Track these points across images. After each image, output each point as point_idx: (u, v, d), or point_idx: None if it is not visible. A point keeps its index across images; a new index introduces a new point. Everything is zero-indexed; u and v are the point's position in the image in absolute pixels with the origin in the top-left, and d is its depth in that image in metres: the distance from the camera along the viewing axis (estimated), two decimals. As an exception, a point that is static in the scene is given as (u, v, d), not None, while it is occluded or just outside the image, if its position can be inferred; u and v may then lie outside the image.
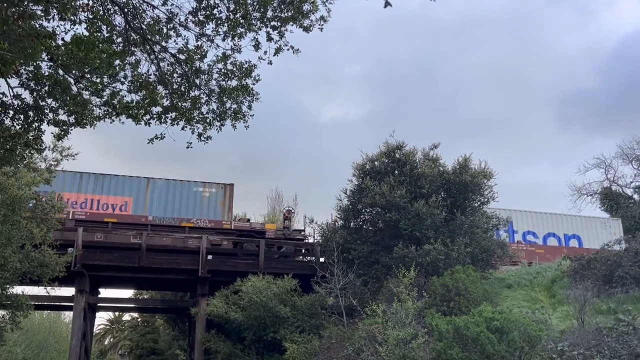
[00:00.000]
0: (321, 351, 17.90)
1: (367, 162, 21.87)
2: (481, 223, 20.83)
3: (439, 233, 19.64)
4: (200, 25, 8.11)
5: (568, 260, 20.09)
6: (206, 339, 22.05)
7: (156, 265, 23.49)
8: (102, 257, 23.07)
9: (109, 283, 27.82)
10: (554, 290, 18.81)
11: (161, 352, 42.76)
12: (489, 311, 12.23)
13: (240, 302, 20.92)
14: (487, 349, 11.01)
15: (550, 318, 14.86)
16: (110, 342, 56.80)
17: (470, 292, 16.78)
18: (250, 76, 8.57)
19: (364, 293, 19.36)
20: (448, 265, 18.38)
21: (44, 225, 16.29)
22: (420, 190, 20.30)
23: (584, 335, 11.70)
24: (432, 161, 21.58)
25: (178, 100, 8.76)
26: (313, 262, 22.18)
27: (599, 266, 17.66)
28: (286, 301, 20.97)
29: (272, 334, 20.42)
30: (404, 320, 13.94)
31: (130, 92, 9.12)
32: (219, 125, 8.92)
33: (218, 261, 24.55)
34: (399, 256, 18.67)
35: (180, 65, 8.52)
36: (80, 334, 22.42)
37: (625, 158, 46.70)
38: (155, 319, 44.21)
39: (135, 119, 9.31)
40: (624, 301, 14.77)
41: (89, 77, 9.37)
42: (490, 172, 21.77)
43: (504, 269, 23.31)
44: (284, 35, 7.97)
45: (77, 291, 22.62)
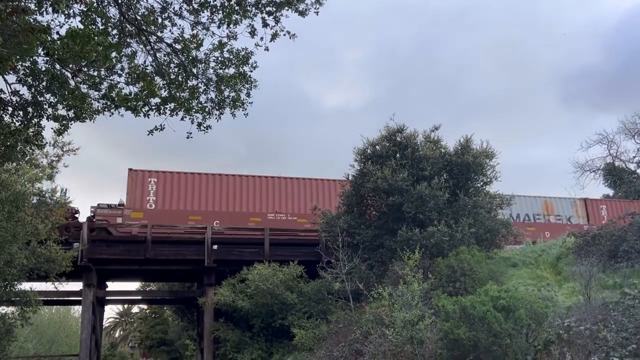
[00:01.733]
0: (329, 336, 18.01)
1: (368, 146, 21.82)
2: (484, 203, 20.80)
3: (443, 215, 19.64)
4: (195, 13, 8.07)
5: (573, 236, 20.10)
6: (215, 327, 22.21)
7: (162, 257, 23.59)
8: (108, 251, 23.17)
9: (116, 276, 27.99)
10: (559, 267, 18.84)
11: (171, 342, 43.16)
12: (494, 290, 12.26)
13: (247, 291, 21.03)
14: (494, 327, 11.05)
15: (556, 295, 14.91)
16: (121, 334, 57.36)
17: (475, 272, 16.83)
18: (247, 63, 8.55)
19: (370, 277, 19.43)
20: (452, 246, 18.41)
21: (48, 221, 16.36)
22: (423, 172, 20.26)
23: (591, 310, 11.73)
24: (433, 143, 21.51)
25: (176, 90, 8.75)
26: (318, 248, 22.23)
27: (603, 241, 17.67)
28: (293, 288, 21.08)
29: (280, 320, 20.55)
30: (410, 302, 13.99)
31: (127, 84, 9.11)
32: (218, 114, 8.91)
33: (224, 251, 24.63)
34: (403, 239, 18.69)
35: (176, 55, 8.50)
36: (90, 327, 22.60)
37: (628, 133, 46.57)
38: (163, 310, 44.55)
39: (134, 111, 9.31)
40: (629, 275, 14.80)
41: (86, 71, 9.35)
42: (492, 152, 21.69)
43: (509, 248, 23.33)
44: (279, 20, 7.93)
45: (85, 285, 22.76)
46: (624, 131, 46.63)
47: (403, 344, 13.36)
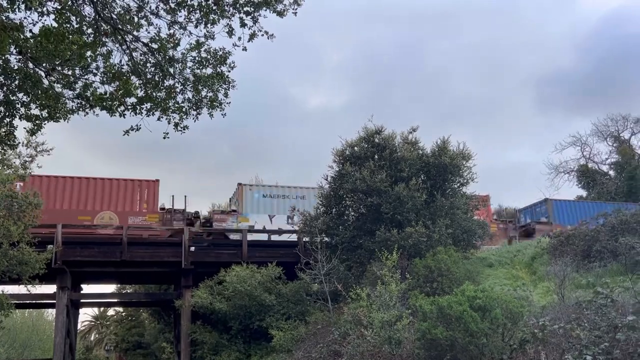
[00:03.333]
0: (307, 337, 18.00)
1: (346, 147, 21.86)
2: (461, 204, 21.02)
3: (420, 215, 19.78)
4: (171, 12, 7.97)
5: (547, 237, 20.43)
6: (192, 330, 22.04)
7: (138, 258, 23.32)
8: (83, 253, 22.81)
9: (91, 279, 27.59)
10: (534, 267, 19.14)
11: (147, 345, 42.62)
12: (471, 290, 12.37)
13: (225, 292, 20.91)
14: (471, 327, 11.16)
15: (531, 294, 15.12)
16: (96, 337, 56.43)
17: (452, 272, 16.99)
18: (225, 63, 8.48)
19: (348, 278, 19.47)
20: (430, 246, 18.55)
21: (21, 222, 16.02)
22: (400, 173, 20.38)
23: (564, 309, 11.94)
24: (411, 144, 21.65)
25: (152, 90, 8.63)
26: (297, 250, 22.20)
27: (577, 242, 18.01)
28: (271, 289, 21.03)
29: (258, 322, 20.48)
30: (388, 303, 14.06)
31: (103, 83, 8.96)
32: (196, 114, 8.83)
33: (201, 252, 24.46)
34: (381, 240, 18.78)
35: (153, 55, 8.38)
36: (64, 330, 22.23)
37: (601, 135, 47.58)
38: (140, 312, 43.98)
39: (110, 110, 9.16)
40: (602, 275, 15.10)
41: (60, 70, 9.18)
42: (469, 154, 21.92)
43: (485, 248, 23.63)
44: (257, 20, 7.89)
45: (59, 288, 22.38)
46: (596, 133, 47.65)
47: (381, 345, 13.41)
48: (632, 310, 9.25)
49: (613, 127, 47.28)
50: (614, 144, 46.91)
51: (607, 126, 47.29)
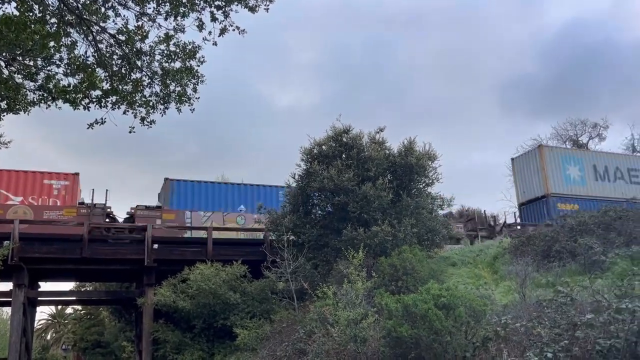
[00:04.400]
0: (272, 335, 17.90)
1: (314, 146, 21.86)
2: (426, 204, 21.29)
3: (386, 215, 19.94)
4: (140, 4, 7.79)
5: (509, 237, 20.88)
6: (154, 328, 21.64)
7: (100, 256, 22.78)
8: (42, 250, 22.12)
9: (49, 276, 26.77)
10: (496, 266, 19.52)
11: (107, 344, 41.78)
12: (435, 288, 12.53)
13: (189, 291, 20.63)
14: (435, 324, 11.30)
15: (493, 293, 15.41)
16: (53, 336, 55.04)
17: (417, 271, 17.17)
18: (194, 57, 8.34)
19: (315, 276, 19.47)
20: (395, 245, 18.72)
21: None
22: (368, 173, 20.50)
23: (526, 308, 12.21)
24: (378, 144, 21.80)
25: (119, 83, 8.42)
26: (263, 248, 22.07)
27: (537, 242, 18.46)
28: (236, 287, 20.85)
29: (222, 320, 20.27)
30: (354, 301, 14.11)
31: (66, 75, 8.70)
32: (163, 108, 8.65)
33: (164, 250, 24.06)
34: (348, 238, 18.85)
35: (120, 47, 8.18)
36: (20, 329, 21.53)
37: (560, 139, 48.97)
38: (99, 311, 43.05)
39: (73, 103, 8.90)
40: (561, 274, 15.51)
41: (21, 60, 8.87)
42: (435, 154, 22.21)
43: (448, 247, 23.99)
44: (228, 15, 7.78)
45: (15, 285, 21.65)
46: (556, 137, 49.04)
47: (346, 343, 13.44)
48: (590, 308, 9.52)
49: (572, 131, 48.80)
50: (572, 147, 48.30)
51: (567, 130, 48.79)
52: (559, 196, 31.52)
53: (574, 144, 48.40)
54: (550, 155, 32.89)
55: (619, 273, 14.27)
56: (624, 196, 33.22)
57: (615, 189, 33.76)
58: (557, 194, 31.61)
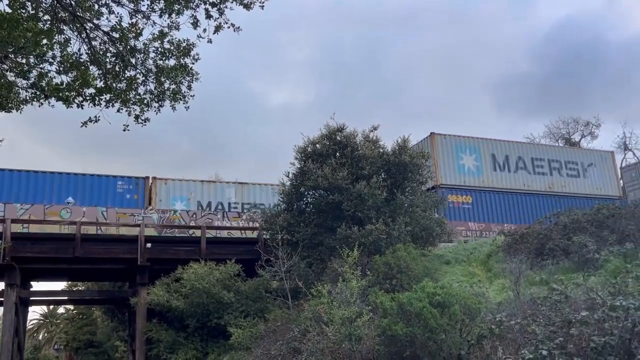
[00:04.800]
0: (267, 334, 17.87)
1: (309, 145, 21.83)
2: (420, 202, 21.31)
3: (380, 213, 19.94)
4: (134, 1, 7.72)
5: (503, 235, 20.93)
6: (148, 328, 21.57)
7: (92, 255, 22.66)
8: (34, 249, 21.98)
9: (42, 276, 26.62)
10: (489, 264, 19.54)
11: (99, 344, 41.67)
12: (430, 287, 12.52)
13: (182, 290, 20.56)
14: (430, 323, 11.29)
15: (487, 291, 15.43)
16: (45, 336, 54.76)
17: (411, 269, 17.18)
18: (189, 55, 8.29)
19: (309, 275, 19.44)
20: (389, 244, 18.72)
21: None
22: (362, 171, 20.49)
23: (520, 305, 12.22)
24: (372, 143, 21.80)
25: (112, 80, 8.35)
26: (257, 246, 22.03)
27: (531, 240, 18.49)
28: (230, 286, 20.80)
29: (216, 320, 20.22)
30: (349, 299, 14.09)
31: (59, 73, 8.62)
32: (158, 106, 8.59)
33: (158, 249, 23.97)
34: (342, 237, 18.83)
35: (114, 44, 8.11)
36: (13, 329, 21.39)
37: (552, 137, 49.25)
38: (92, 310, 42.89)
39: (66, 101, 8.83)
40: (554, 272, 15.55)
41: (13, 58, 8.78)
42: (428, 153, 22.26)
43: (442, 245, 24.02)
44: (223, 12, 7.73)
45: (7, 285, 21.52)
46: (549, 135, 49.33)
47: (341, 341, 13.43)
48: (585, 306, 9.55)
49: (564, 130, 49.10)
50: (565, 145, 48.59)
51: (559, 128, 49.07)
52: (451, 187, 30.14)
53: (566, 142, 48.70)
54: (443, 143, 30.98)
55: (612, 271, 14.33)
56: (527, 188, 32.29)
57: (517, 180, 32.60)
58: (448, 184, 30.20)
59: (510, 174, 32.53)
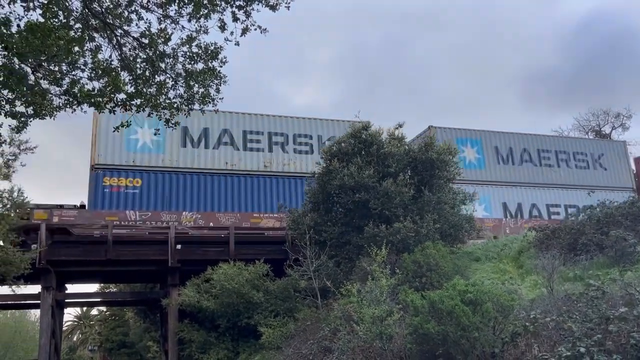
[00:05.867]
0: (297, 333, 17.94)
1: (334, 144, 21.85)
2: (448, 199, 21.11)
3: (408, 211, 19.83)
4: (162, 6, 7.83)
5: (534, 231, 20.61)
6: (180, 328, 21.84)
7: (124, 257, 23.03)
8: (68, 252, 22.45)
9: (75, 278, 27.19)
10: (521, 261, 19.28)
11: (132, 344, 42.31)
12: (461, 284, 12.41)
13: (212, 290, 20.75)
14: (462, 321, 11.19)
15: (519, 288, 15.24)
16: (79, 337, 55.88)
17: (441, 267, 17.05)
18: (216, 58, 8.36)
19: (337, 274, 19.45)
20: (418, 241, 18.61)
21: (5, 222, 15.70)
22: (388, 169, 20.41)
23: (554, 302, 12.03)
24: (397, 140, 21.71)
25: (143, 85, 8.47)
26: (285, 246, 22.12)
27: (563, 235, 18.17)
28: (259, 286, 20.91)
29: (246, 319, 20.36)
30: (378, 298, 14.05)
31: (91, 79, 8.78)
32: (187, 110, 8.69)
33: (187, 250, 24.23)
34: (370, 235, 18.78)
35: (143, 50, 8.23)
36: (49, 331, 21.89)
37: (582, 130, 48.26)
38: (124, 311, 43.59)
39: (98, 107, 8.99)
40: (588, 267, 15.26)
41: (46, 66, 8.98)
42: (455, 149, 22.05)
43: (471, 242, 23.75)
44: (250, 14, 7.79)
45: (44, 288, 22.01)
46: (578, 128, 48.35)
47: (372, 340, 13.41)
48: (623, 302, 9.36)
49: (594, 122, 48.07)
50: (595, 137, 47.59)
51: (589, 121, 48.07)
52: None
53: (596, 134, 47.68)
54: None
55: (649, 265, 14.00)
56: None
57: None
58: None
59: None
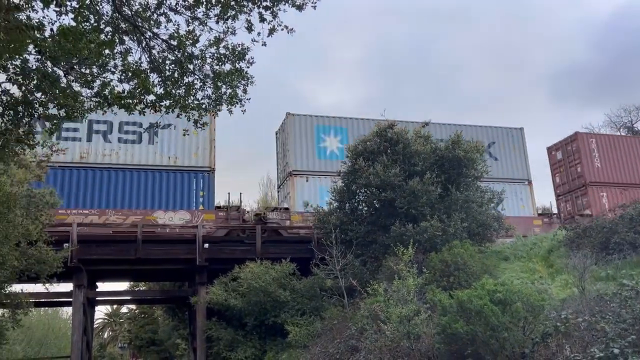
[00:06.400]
0: (324, 332, 17.99)
1: (359, 143, 21.80)
2: (476, 197, 20.88)
3: (435, 209, 19.68)
4: (190, 8, 7.94)
5: (564, 229, 20.25)
6: (208, 326, 22.10)
7: (153, 256, 23.39)
8: (98, 251, 22.91)
9: (106, 277, 27.72)
10: (551, 260, 18.97)
11: (161, 342, 42.92)
12: (490, 284, 12.28)
13: (240, 289, 20.94)
14: (492, 320, 11.08)
15: (550, 287, 15.00)
16: (110, 335, 56.94)
17: (468, 266, 16.89)
18: (244, 59, 8.44)
19: (363, 273, 19.42)
20: (445, 241, 18.45)
21: (38, 222, 16.10)
22: (414, 168, 20.28)
23: (586, 302, 11.81)
24: (424, 138, 21.55)
25: (172, 87, 8.60)
26: (311, 245, 22.18)
27: (594, 234, 17.81)
28: (285, 285, 21.02)
29: (273, 318, 20.49)
30: (405, 297, 14.00)
31: (121, 81, 8.94)
32: (215, 110, 8.79)
33: (215, 249, 24.49)
34: (396, 234, 18.70)
35: (172, 52, 8.35)
36: (81, 328, 22.36)
37: (614, 126, 47.21)
38: (153, 309, 44.25)
39: (128, 108, 9.15)
40: (621, 267, 14.94)
41: (78, 69, 9.17)
42: (483, 147, 21.79)
43: (499, 241, 23.45)
44: (277, 15, 7.83)
45: (75, 286, 22.50)
46: (609, 124, 47.32)
47: (399, 339, 13.36)
48: (658, 302, 9.14)
49: (626, 118, 46.97)
50: (627, 134, 46.50)
51: (620, 117, 46.98)
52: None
53: (628, 130, 46.57)
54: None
55: (685, 265, 13.65)
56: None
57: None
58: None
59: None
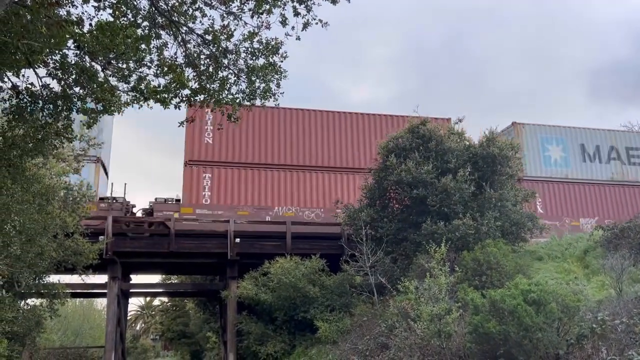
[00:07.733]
0: (353, 329, 17.97)
1: (391, 140, 21.65)
2: (510, 196, 20.50)
3: (468, 208, 19.40)
4: (225, 3, 7.99)
5: (601, 230, 19.74)
6: (238, 320, 22.30)
7: (185, 249, 23.73)
8: (133, 244, 23.37)
9: (139, 269, 28.27)
10: (586, 260, 18.53)
11: (192, 334, 43.55)
12: (524, 284, 12.07)
13: (270, 284, 21.06)
14: (525, 321, 10.88)
15: (585, 288, 14.64)
16: (142, 327, 58.08)
17: (501, 266, 16.63)
18: (277, 53, 8.46)
19: (394, 270, 19.31)
20: (478, 239, 18.19)
21: (75, 214, 16.51)
22: (447, 165, 20.03)
23: (624, 304, 11.48)
24: (457, 135, 21.27)
25: (206, 81, 8.68)
26: (341, 242, 22.16)
27: (633, 234, 17.33)
28: (315, 281, 21.05)
29: (303, 313, 20.55)
30: (437, 296, 13.85)
31: (157, 76, 9.08)
32: (249, 105, 8.83)
33: (246, 244, 24.69)
34: (427, 232, 18.51)
35: (207, 46, 8.43)
36: (115, 319, 22.86)
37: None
38: (185, 302, 44.91)
39: (164, 103, 9.29)
40: (661, 269, 14.51)
41: (115, 63, 9.34)
42: (518, 144, 21.38)
43: (534, 241, 23.01)
44: (311, 9, 7.82)
45: (110, 278, 23.00)
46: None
47: (430, 338, 13.25)
48: (701, 305, 8.82)
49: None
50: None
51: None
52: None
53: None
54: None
55: None
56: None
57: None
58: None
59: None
